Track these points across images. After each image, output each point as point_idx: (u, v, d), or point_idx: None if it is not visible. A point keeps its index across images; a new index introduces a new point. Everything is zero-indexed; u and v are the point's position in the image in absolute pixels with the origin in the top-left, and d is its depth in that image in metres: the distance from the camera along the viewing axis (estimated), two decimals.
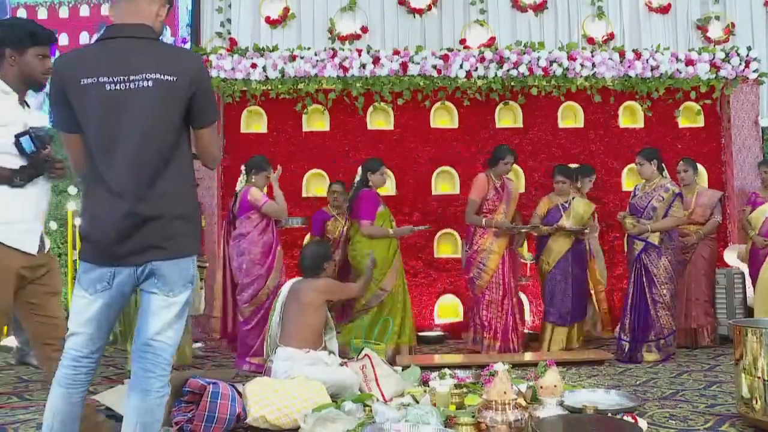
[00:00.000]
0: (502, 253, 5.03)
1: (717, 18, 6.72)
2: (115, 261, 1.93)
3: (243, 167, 4.86)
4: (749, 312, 5.18)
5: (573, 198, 5.33)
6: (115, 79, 1.89)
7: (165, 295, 1.94)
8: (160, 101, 1.90)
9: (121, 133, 1.90)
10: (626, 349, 4.74)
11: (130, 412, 1.91)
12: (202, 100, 1.98)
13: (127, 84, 1.88)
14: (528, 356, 4.89)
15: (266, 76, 6.23)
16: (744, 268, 5.58)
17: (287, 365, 3.54)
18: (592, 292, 5.70)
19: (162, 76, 1.89)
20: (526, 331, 5.52)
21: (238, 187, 4.83)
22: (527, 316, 6.02)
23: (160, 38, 2.09)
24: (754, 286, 4.79)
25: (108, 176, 1.91)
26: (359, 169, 5.10)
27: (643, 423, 2.87)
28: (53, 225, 6.45)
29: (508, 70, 6.24)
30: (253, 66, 6.20)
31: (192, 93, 1.94)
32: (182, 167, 1.98)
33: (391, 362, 4.27)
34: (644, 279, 4.74)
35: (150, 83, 1.88)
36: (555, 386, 2.94)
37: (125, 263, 1.93)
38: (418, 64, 6.23)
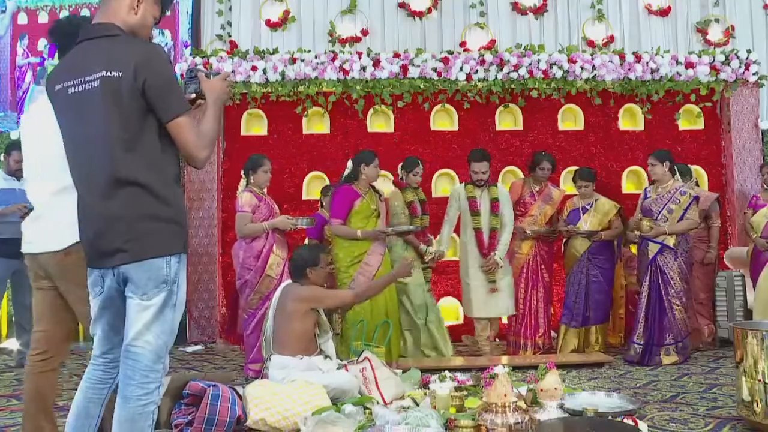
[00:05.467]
0: (527, 255, 5.23)
1: (717, 21, 6.73)
2: (97, 264, 1.94)
3: (242, 172, 4.78)
4: (750, 314, 5.17)
5: (596, 200, 5.32)
6: (75, 82, 1.89)
7: (139, 299, 1.88)
8: (108, 99, 1.83)
9: (82, 136, 1.90)
10: (639, 352, 4.74)
11: (114, 420, 1.89)
12: (157, 90, 1.84)
13: (84, 86, 1.87)
14: (528, 359, 4.89)
15: (266, 79, 6.24)
16: (745, 270, 5.56)
17: (282, 374, 3.51)
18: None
19: (108, 73, 1.83)
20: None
21: (239, 191, 4.76)
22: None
23: (141, 33, 2.01)
24: (754, 289, 4.79)
25: (78, 180, 1.95)
26: (349, 163, 4.87)
27: (643, 426, 2.87)
28: None
29: (508, 73, 6.25)
30: (254, 69, 6.20)
31: (141, 85, 1.82)
32: (149, 164, 1.87)
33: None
34: (660, 281, 4.73)
35: (98, 82, 1.84)
36: (555, 389, 2.94)
37: (104, 266, 1.92)
38: (419, 66, 6.23)
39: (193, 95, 2.02)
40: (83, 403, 2.01)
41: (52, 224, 2.36)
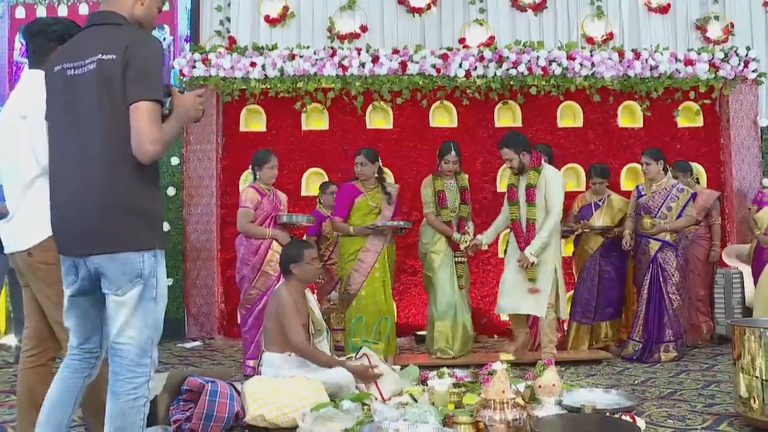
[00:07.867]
0: None
1: (716, 18, 6.72)
2: (69, 251, 1.94)
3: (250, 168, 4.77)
4: (747, 312, 5.18)
5: (608, 195, 5.33)
6: (74, 64, 1.92)
7: (114, 294, 1.88)
8: (101, 82, 1.86)
9: (75, 117, 1.91)
10: (638, 349, 4.76)
11: (105, 416, 1.90)
12: (133, 72, 1.84)
13: (83, 68, 1.90)
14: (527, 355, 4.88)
15: (265, 75, 6.23)
16: (743, 268, 5.57)
17: (272, 371, 3.50)
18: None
19: (103, 56, 1.86)
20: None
21: (245, 186, 4.80)
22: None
23: (143, 24, 2.04)
24: (755, 285, 4.79)
25: (56, 164, 1.96)
26: None
27: (641, 422, 2.87)
28: None
29: (507, 70, 6.24)
30: (253, 65, 6.20)
31: (125, 66, 1.84)
32: (131, 158, 1.85)
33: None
34: (661, 278, 4.75)
35: (94, 65, 1.88)
36: (553, 385, 2.94)
37: (75, 254, 1.92)
38: (418, 63, 6.23)
39: (167, 112, 1.97)
40: (57, 395, 2.03)
41: (19, 224, 2.38)
